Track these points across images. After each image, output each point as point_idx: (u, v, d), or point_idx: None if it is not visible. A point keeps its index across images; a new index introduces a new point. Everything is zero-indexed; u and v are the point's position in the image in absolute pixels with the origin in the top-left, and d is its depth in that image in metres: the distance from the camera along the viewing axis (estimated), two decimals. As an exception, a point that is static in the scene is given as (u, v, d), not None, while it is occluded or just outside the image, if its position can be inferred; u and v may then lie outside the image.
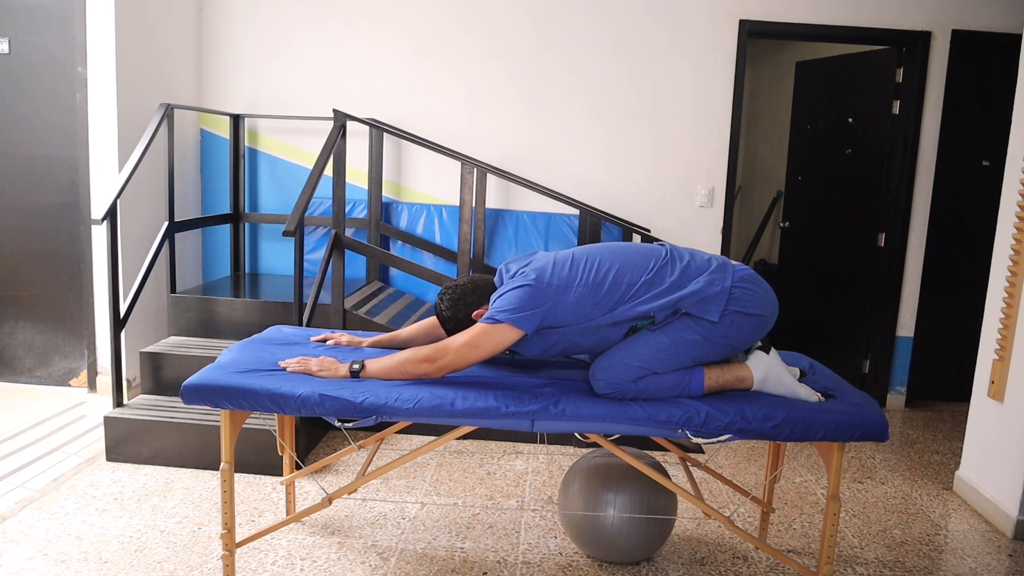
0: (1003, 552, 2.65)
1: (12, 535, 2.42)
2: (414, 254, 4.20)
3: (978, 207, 4.06)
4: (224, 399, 1.92)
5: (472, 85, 4.11)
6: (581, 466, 2.41)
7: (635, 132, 4.10)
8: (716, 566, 2.43)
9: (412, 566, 2.35)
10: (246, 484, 2.87)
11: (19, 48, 3.66)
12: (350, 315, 3.39)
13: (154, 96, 3.79)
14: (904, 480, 3.26)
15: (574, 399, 1.95)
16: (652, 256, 2.05)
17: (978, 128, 4.09)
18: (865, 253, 4.31)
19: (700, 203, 4.12)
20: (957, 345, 4.16)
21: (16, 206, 3.77)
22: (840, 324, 4.53)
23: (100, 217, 3.03)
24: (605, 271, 2.00)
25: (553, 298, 1.97)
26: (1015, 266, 2.84)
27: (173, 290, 3.64)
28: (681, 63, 4.04)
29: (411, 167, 4.21)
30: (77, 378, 3.87)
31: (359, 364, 2.03)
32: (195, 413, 3.04)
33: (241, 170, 4.22)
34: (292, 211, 3.14)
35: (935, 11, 3.97)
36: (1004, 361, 2.86)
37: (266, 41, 4.15)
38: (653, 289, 1.98)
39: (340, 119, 3.40)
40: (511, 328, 1.95)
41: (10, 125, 3.72)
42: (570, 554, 2.46)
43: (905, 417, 4.15)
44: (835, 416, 1.90)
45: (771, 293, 2.08)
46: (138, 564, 2.28)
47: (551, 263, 2.03)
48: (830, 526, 1.96)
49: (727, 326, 1.98)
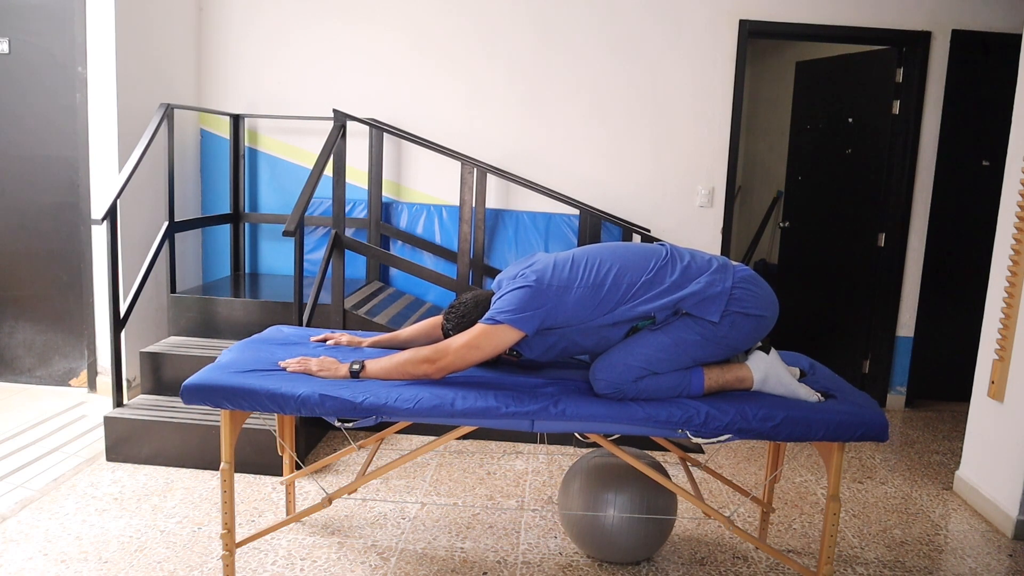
0: (1003, 552, 2.65)
1: (12, 535, 2.42)
2: (414, 254, 4.20)
3: (978, 207, 4.06)
4: (224, 399, 1.92)
5: (472, 85, 4.11)
6: (581, 466, 2.41)
7: (635, 132, 4.10)
8: (716, 566, 2.43)
9: (412, 566, 2.35)
10: (246, 484, 2.87)
11: (19, 48, 3.66)
12: (350, 315, 3.39)
13: (154, 96, 3.79)
14: (904, 480, 3.26)
15: (574, 399, 1.95)
16: (652, 256, 2.05)
17: (978, 128, 4.09)
18: (865, 253, 4.31)
19: (700, 203, 4.12)
20: (957, 345, 4.16)
21: (16, 206, 3.77)
22: (840, 324, 4.53)
23: (100, 217, 3.03)
24: (605, 272, 2.00)
25: (554, 299, 1.97)
26: (1015, 266, 2.84)
27: (173, 290, 3.64)
28: (681, 63, 4.04)
29: (411, 167, 4.21)
30: (77, 378, 3.87)
31: (359, 364, 2.03)
32: (195, 413, 3.04)
33: (241, 170, 4.22)
34: (292, 211, 3.14)
35: (935, 11, 3.97)
36: (1004, 361, 2.86)
37: (266, 41, 4.15)
38: (653, 289, 1.99)
39: (340, 119, 3.40)
40: (511, 329, 1.95)
41: (10, 125, 3.72)
42: (570, 554, 2.46)
43: (905, 417, 4.15)
44: (835, 416, 1.90)
45: (771, 294, 2.08)
46: (138, 564, 2.28)
47: (551, 265, 2.03)
48: (830, 526, 1.96)
49: (727, 327, 1.98)
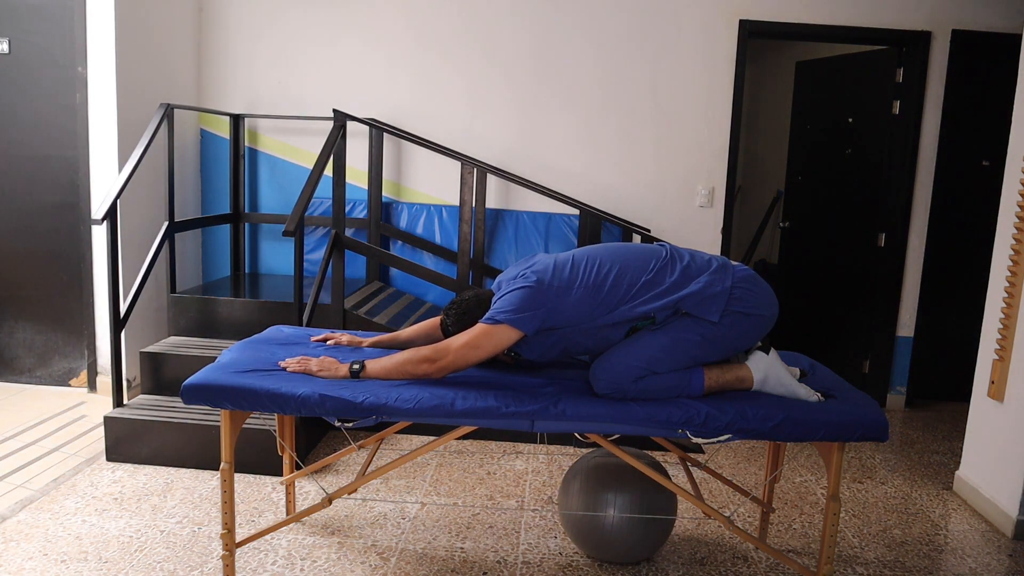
0: (1003, 552, 2.65)
1: (12, 535, 2.42)
2: (414, 254, 4.20)
3: (978, 207, 4.06)
4: (224, 399, 1.92)
5: (472, 85, 4.11)
6: (581, 466, 2.41)
7: (636, 132, 4.10)
8: (716, 566, 2.43)
9: (412, 566, 2.35)
10: (246, 484, 2.87)
11: (19, 48, 3.66)
12: (350, 315, 3.39)
13: (154, 96, 3.79)
14: (904, 480, 3.26)
15: (574, 399, 1.95)
16: (652, 256, 2.05)
17: (978, 128, 4.09)
18: (865, 253, 4.31)
19: (700, 203, 4.12)
20: (957, 345, 4.16)
21: (16, 206, 3.77)
22: (840, 324, 4.53)
23: (100, 217, 3.03)
24: (606, 272, 2.01)
25: (554, 299, 1.97)
26: (1015, 266, 2.84)
27: (173, 290, 3.64)
28: (681, 63, 4.04)
29: (411, 167, 4.21)
30: (77, 378, 3.87)
31: (359, 364, 2.03)
32: (195, 413, 3.04)
33: (241, 170, 4.22)
34: (292, 211, 3.14)
35: (935, 11, 3.97)
36: (1004, 361, 2.86)
37: (266, 41, 4.15)
38: (653, 289, 1.99)
39: (340, 119, 3.40)
40: (511, 329, 1.95)
41: (10, 125, 3.72)
42: (570, 554, 2.46)
43: (905, 417, 4.15)
44: (835, 416, 1.90)
45: (771, 293, 2.08)
46: (138, 564, 2.28)
47: (552, 265, 2.04)
48: (830, 526, 1.96)
49: (727, 326, 1.98)
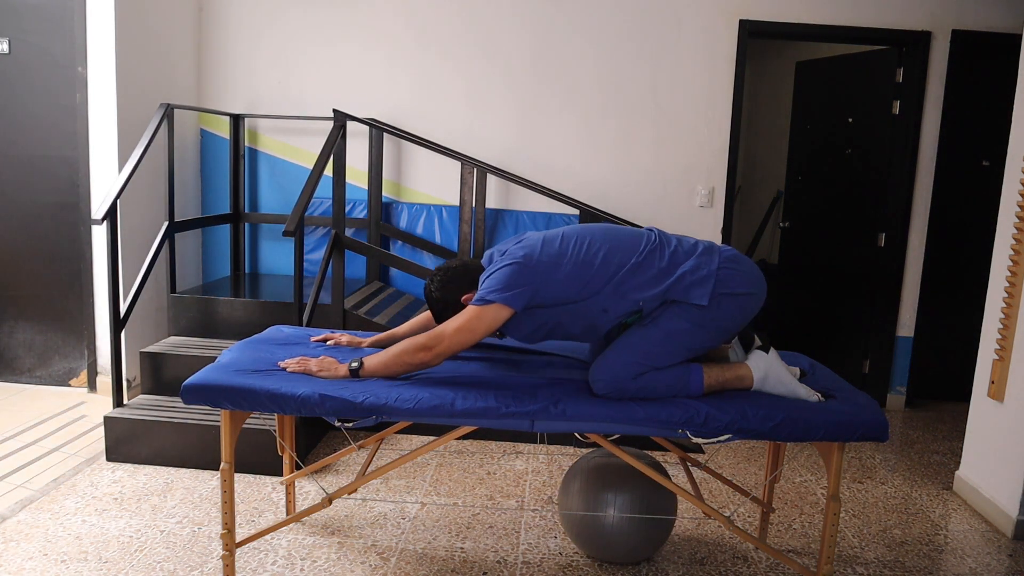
0: (1003, 552, 2.65)
1: (12, 535, 2.42)
2: (414, 254, 4.20)
3: (978, 207, 4.06)
4: (224, 399, 1.92)
5: (472, 85, 4.11)
6: (581, 466, 2.41)
7: (635, 132, 4.10)
8: (716, 566, 2.43)
9: (412, 566, 2.35)
10: (246, 484, 2.87)
11: (19, 48, 3.66)
12: (350, 315, 3.39)
13: (154, 96, 3.79)
14: (904, 480, 3.26)
15: (574, 399, 1.95)
16: (642, 240, 2.06)
17: (978, 128, 4.09)
18: (865, 253, 4.31)
19: (700, 203, 4.12)
20: (957, 345, 4.16)
21: (16, 206, 3.77)
22: (840, 324, 4.52)
23: (100, 217, 3.03)
24: (595, 250, 2.01)
25: (543, 275, 1.97)
26: (1015, 266, 2.84)
27: (173, 290, 3.64)
28: (681, 63, 4.04)
29: (411, 167, 4.21)
30: (77, 378, 3.87)
31: (358, 362, 2.03)
32: (195, 413, 3.04)
33: (241, 170, 4.22)
34: (292, 211, 3.14)
35: (935, 11, 3.97)
36: (1004, 361, 2.86)
37: (266, 41, 4.15)
38: (642, 274, 1.99)
39: (340, 119, 3.40)
40: (502, 307, 1.96)
41: (10, 125, 3.72)
42: (570, 554, 2.46)
43: (905, 417, 4.15)
44: (835, 416, 1.90)
45: (756, 270, 2.09)
46: (138, 564, 2.28)
47: (540, 241, 2.04)
48: (830, 526, 1.96)
49: (716, 308, 1.98)
